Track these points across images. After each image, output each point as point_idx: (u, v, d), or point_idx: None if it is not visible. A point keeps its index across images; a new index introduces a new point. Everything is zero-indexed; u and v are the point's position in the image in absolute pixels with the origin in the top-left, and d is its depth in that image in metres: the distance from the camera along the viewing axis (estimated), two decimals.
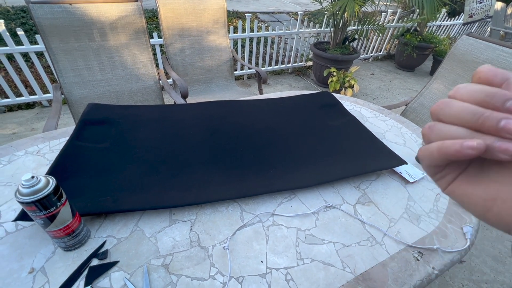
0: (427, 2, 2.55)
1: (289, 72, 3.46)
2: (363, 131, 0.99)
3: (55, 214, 0.49)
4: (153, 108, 1.02)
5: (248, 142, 0.88)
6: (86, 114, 0.92)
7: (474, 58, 1.22)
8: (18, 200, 0.45)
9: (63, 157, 0.74)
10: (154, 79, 1.59)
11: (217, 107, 1.06)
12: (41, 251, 0.55)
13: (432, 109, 0.20)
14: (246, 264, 0.57)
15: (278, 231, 0.64)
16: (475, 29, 5.09)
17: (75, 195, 0.63)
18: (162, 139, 0.86)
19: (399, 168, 0.84)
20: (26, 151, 0.80)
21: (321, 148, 0.88)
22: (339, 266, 0.58)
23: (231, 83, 1.99)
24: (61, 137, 0.87)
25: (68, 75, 1.37)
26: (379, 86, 3.36)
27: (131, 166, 0.75)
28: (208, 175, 0.74)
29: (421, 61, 3.80)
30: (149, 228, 0.62)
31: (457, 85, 0.21)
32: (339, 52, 2.92)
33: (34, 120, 2.16)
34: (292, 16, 5.06)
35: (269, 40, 3.03)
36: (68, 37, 1.32)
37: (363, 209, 0.71)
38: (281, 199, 0.72)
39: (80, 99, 1.42)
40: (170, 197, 0.66)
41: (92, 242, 0.57)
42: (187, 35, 1.77)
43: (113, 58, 1.46)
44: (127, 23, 1.43)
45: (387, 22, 3.68)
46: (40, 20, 1.24)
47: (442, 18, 4.27)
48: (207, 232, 0.62)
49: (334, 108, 1.13)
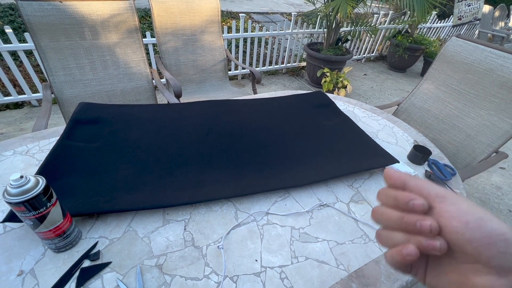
0: (418, 5, 2.60)
1: (283, 73, 3.48)
2: (356, 131, 1.00)
3: (45, 215, 0.48)
4: (146, 108, 1.01)
5: (242, 141, 0.88)
6: (77, 113, 0.90)
7: (463, 59, 1.25)
8: (6, 200, 0.44)
9: (53, 156, 0.72)
10: (147, 78, 1.57)
11: (211, 107, 1.05)
12: (31, 253, 0.53)
13: (372, 217, 0.25)
14: (240, 263, 0.56)
15: (273, 230, 0.64)
16: (464, 31, 5.21)
17: (66, 195, 0.61)
18: (155, 139, 0.85)
19: (391, 167, 0.85)
20: (14, 151, 0.78)
21: (315, 147, 0.89)
22: (333, 263, 0.58)
23: (225, 83, 1.99)
24: (51, 137, 0.85)
25: (58, 74, 1.35)
26: (372, 87, 3.41)
27: (123, 166, 0.73)
28: (202, 175, 0.74)
29: (412, 62, 3.87)
30: (142, 228, 0.61)
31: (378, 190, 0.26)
32: (332, 52, 2.95)
33: (23, 120, 2.11)
34: (286, 17, 5.08)
35: (263, 41, 3.03)
36: (58, 35, 1.30)
37: (356, 207, 0.72)
38: (276, 198, 0.72)
39: (71, 98, 1.39)
40: (163, 196, 0.66)
41: (83, 243, 0.56)
42: (181, 35, 1.76)
43: (105, 57, 1.44)
44: (119, 21, 1.41)
45: (379, 24, 3.73)
46: (29, 18, 1.21)
47: (432, 20, 4.36)
48: (201, 232, 0.62)
49: (328, 108, 1.14)
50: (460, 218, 0.20)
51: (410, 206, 0.22)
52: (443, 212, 0.21)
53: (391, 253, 0.23)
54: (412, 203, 0.22)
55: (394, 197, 0.23)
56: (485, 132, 1.17)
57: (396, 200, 0.23)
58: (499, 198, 1.93)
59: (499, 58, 1.13)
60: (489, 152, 1.15)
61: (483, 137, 1.18)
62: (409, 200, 0.22)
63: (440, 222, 0.21)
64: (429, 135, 1.36)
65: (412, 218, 0.22)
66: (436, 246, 0.20)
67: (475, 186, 2.01)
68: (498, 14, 4.30)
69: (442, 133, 1.32)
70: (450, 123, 1.30)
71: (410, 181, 0.23)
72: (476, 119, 1.21)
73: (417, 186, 0.23)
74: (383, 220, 0.24)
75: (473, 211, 0.20)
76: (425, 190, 0.23)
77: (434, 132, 1.35)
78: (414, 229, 0.21)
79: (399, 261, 0.22)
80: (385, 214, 0.24)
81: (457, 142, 1.26)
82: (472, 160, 1.20)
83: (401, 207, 0.23)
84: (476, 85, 1.21)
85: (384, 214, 0.24)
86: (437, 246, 0.20)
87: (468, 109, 1.24)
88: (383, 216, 0.24)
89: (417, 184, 0.23)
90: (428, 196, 0.22)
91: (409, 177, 0.24)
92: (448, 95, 1.32)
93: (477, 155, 1.19)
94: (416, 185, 0.23)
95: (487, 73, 1.17)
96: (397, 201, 0.23)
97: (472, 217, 0.20)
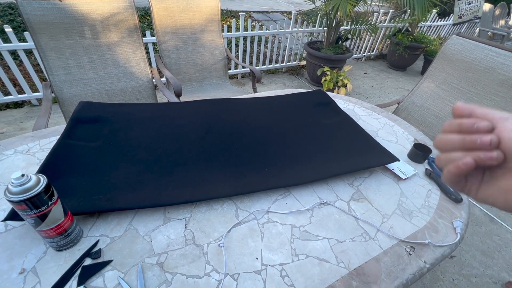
0: (418, 3, 2.59)
1: (283, 71, 3.47)
2: (356, 129, 1.00)
3: (46, 213, 0.48)
4: (147, 106, 1.01)
5: (243, 140, 0.88)
6: (77, 112, 0.90)
7: (463, 57, 1.25)
8: (8, 198, 0.44)
9: (54, 155, 0.72)
10: (147, 77, 1.57)
11: (211, 105, 1.06)
12: (32, 251, 0.54)
13: (434, 144, 0.27)
14: (241, 261, 0.57)
15: (273, 228, 0.64)
16: (464, 30, 5.20)
17: (67, 194, 0.62)
18: (156, 137, 0.85)
19: (392, 165, 0.85)
20: (15, 150, 0.78)
21: (315, 146, 0.89)
22: (333, 261, 0.58)
23: (225, 81, 1.99)
24: (51, 136, 0.85)
25: (59, 73, 1.35)
26: (372, 85, 3.40)
27: (124, 164, 0.74)
28: (202, 173, 0.74)
29: (412, 61, 3.86)
30: (143, 227, 0.61)
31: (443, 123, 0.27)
32: (333, 51, 2.94)
33: (23, 119, 2.11)
34: (286, 16, 5.07)
35: (263, 39, 3.03)
36: (58, 35, 1.30)
37: (356, 206, 0.72)
38: (276, 197, 0.72)
39: (71, 97, 1.39)
40: (164, 195, 0.66)
41: (85, 242, 0.57)
42: (181, 33, 1.76)
43: (105, 56, 1.44)
44: (119, 20, 1.41)
45: (379, 22, 3.72)
46: (29, 17, 1.21)
47: (432, 18, 4.35)
48: (202, 230, 0.62)
49: (328, 107, 1.14)
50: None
51: (475, 129, 0.23)
52: (503, 128, 0.22)
53: (448, 168, 0.24)
54: (477, 126, 0.23)
55: (459, 123, 0.24)
56: None
57: (460, 125, 0.24)
58: None
59: (499, 56, 1.13)
60: None
61: None
62: (474, 123, 0.23)
63: (499, 137, 0.22)
64: (429, 133, 1.36)
65: (474, 137, 0.23)
66: (493, 156, 0.22)
67: None
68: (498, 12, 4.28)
69: None
70: None
71: (477, 110, 0.24)
72: None
73: (483, 112, 0.24)
74: (445, 143, 0.25)
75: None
76: (490, 114, 0.23)
77: (434, 130, 1.35)
78: (474, 146, 0.23)
79: (455, 172, 0.24)
80: (447, 138, 0.25)
81: None
82: None
83: (465, 131, 0.24)
84: (477, 84, 1.21)
85: (446, 138, 0.25)
86: (494, 156, 0.22)
87: None
88: (445, 140, 0.25)
89: (483, 111, 0.24)
90: (493, 119, 0.23)
91: (476, 106, 0.24)
92: (448, 93, 1.32)
93: None
94: (482, 112, 0.24)
95: (488, 71, 1.17)
96: (462, 127, 0.24)
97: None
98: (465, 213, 0.73)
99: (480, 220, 1.68)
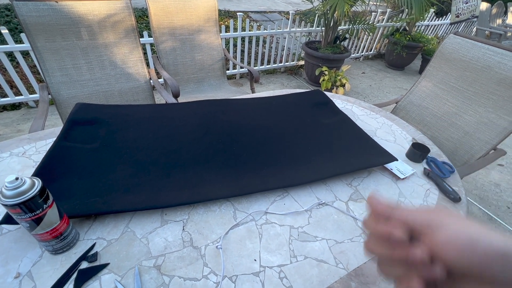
0: (416, 2, 2.60)
1: (281, 71, 3.47)
2: (354, 129, 1.00)
3: (42, 217, 0.47)
4: (144, 108, 1.00)
5: (241, 141, 0.88)
6: (74, 114, 0.90)
7: (461, 56, 1.25)
8: (2, 202, 0.43)
9: (50, 158, 0.72)
10: (144, 78, 1.56)
11: (209, 106, 1.05)
12: (28, 255, 0.53)
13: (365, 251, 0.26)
14: (239, 263, 0.56)
15: (271, 229, 0.64)
16: (461, 29, 5.21)
17: (63, 196, 0.61)
18: (153, 139, 0.85)
19: (390, 165, 0.85)
20: (11, 152, 0.78)
21: (313, 146, 0.88)
22: (332, 262, 0.58)
23: (223, 82, 1.98)
24: (48, 138, 0.84)
25: (55, 75, 1.34)
26: (370, 85, 3.41)
27: (121, 166, 0.73)
28: (200, 175, 0.73)
29: (410, 60, 3.87)
30: (140, 229, 0.61)
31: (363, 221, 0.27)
32: (331, 51, 2.94)
33: (20, 121, 2.10)
34: (284, 16, 5.07)
35: (261, 39, 3.03)
36: (54, 36, 1.29)
37: (355, 206, 0.72)
38: (274, 197, 0.72)
39: (68, 99, 1.38)
40: (161, 197, 0.65)
41: (81, 245, 0.56)
42: (178, 34, 1.75)
43: (102, 57, 1.43)
44: (116, 21, 1.40)
45: (377, 22, 3.73)
46: (24, 18, 1.20)
47: (430, 18, 4.36)
48: (200, 232, 0.61)
49: (326, 106, 1.14)
50: (452, 246, 0.20)
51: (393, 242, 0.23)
52: (434, 243, 0.21)
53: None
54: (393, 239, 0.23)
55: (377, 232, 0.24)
56: (483, 130, 1.17)
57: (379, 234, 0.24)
58: (497, 195, 1.94)
59: (496, 55, 1.13)
60: (487, 149, 1.16)
61: (481, 135, 1.18)
62: (391, 234, 0.23)
63: (434, 252, 0.21)
64: (428, 132, 1.36)
65: (402, 253, 0.22)
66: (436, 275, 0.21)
67: (474, 183, 2.02)
68: (495, 11, 4.30)
69: (440, 131, 1.32)
70: (448, 120, 1.30)
71: (394, 213, 0.24)
72: (474, 117, 1.21)
73: (400, 218, 0.24)
74: (377, 255, 0.25)
75: (462, 230, 0.21)
76: (409, 222, 0.23)
77: (433, 129, 1.35)
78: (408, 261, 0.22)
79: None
80: (375, 250, 0.25)
81: (455, 139, 1.26)
82: (470, 158, 1.20)
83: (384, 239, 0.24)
84: (474, 83, 1.21)
85: (375, 250, 0.25)
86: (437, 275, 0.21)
87: (466, 107, 1.24)
88: (376, 252, 0.25)
89: (401, 216, 0.24)
90: (414, 227, 0.23)
91: (392, 209, 0.24)
92: (446, 92, 1.32)
93: (476, 152, 1.19)
94: (400, 217, 0.24)
95: (485, 70, 1.17)
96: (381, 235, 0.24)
97: (464, 240, 0.20)
98: (463, 212, 0.73)
99: (479, 219, 1.68)
